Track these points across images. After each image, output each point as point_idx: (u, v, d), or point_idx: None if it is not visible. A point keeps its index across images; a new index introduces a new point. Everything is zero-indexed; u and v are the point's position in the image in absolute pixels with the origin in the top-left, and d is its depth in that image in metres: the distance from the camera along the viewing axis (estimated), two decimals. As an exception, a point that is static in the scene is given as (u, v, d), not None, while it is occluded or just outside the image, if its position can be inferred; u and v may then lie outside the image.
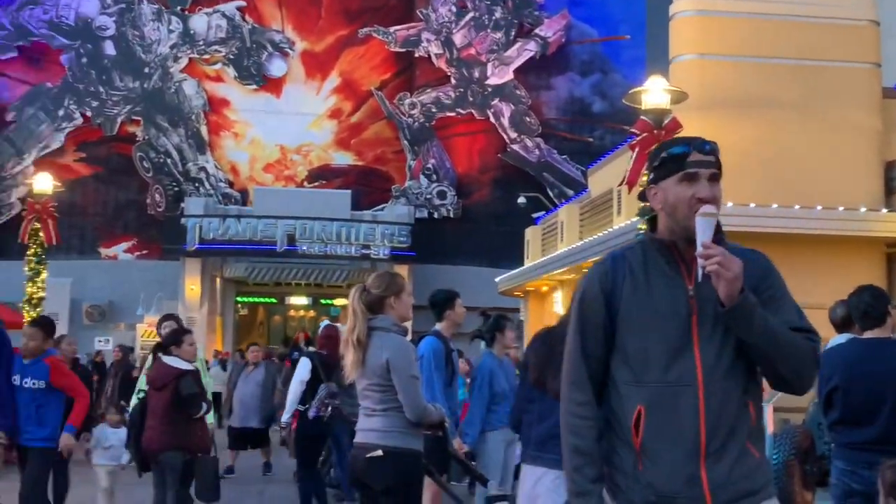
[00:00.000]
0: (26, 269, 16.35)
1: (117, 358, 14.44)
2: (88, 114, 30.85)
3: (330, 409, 7.58)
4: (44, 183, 16.69)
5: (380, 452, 4.27)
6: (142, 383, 7.54)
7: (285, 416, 8.09)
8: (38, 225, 16.35)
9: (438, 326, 6.15)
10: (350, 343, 4.35)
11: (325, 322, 9.91)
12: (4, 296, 22.56)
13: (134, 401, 7.69)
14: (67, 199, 24.73)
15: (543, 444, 4.31)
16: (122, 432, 7.41)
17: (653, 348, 2.30)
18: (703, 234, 2.25)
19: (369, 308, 4.40)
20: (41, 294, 16.39)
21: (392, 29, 32.11)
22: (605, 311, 2.39)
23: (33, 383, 6.31)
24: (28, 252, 16.33)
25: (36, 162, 29.48)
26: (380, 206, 29.87)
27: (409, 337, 4.70)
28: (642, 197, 11.61)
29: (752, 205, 14.40)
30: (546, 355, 4.22)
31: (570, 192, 28.96)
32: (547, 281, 21.81)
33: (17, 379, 6.20)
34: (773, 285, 2.38)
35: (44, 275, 16.49)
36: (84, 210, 29.81)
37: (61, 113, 30.76)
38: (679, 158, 2.36)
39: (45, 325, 6.68)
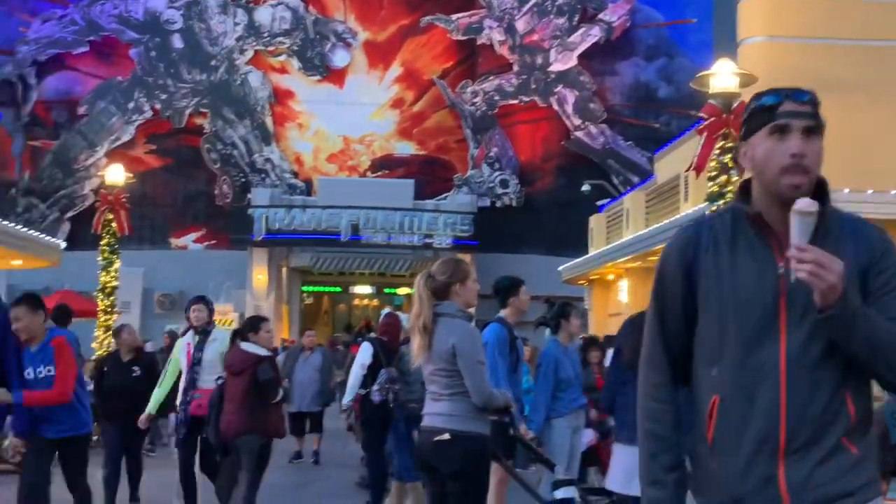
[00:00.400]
0: (100, 258, 16.75)
1: (167, 344, 14.69)
2: (157, 106, 31.50)
3: (391, 393, 7.61)
4: (116, 174, 17.06)
5: (447, 436, 4.30)
6: (171, 373, 7.57)
7: (346, 399, 8.17)
8: (110, 216, 16.73)
9: (503, 313, 6.18)
10: (416, 329, 4.40)
11: (386, 310, 9.96)
12: (79, 285, 23.23)
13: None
14: (138, 190, 25.27)
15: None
16: None
17: (732, 331, 2.06)
18: (798, 235, 1.96)
19: (435, 294, 4.42)
20: (114, 283, 16.79)
21: (454, 17, 32.05)
22: (684, 284, 2.14)
23: (47, 370, 5.64)
24: (101, 242, 16.73)
25: (107, 154, 30.23)
26: (442, 196, 29.92)
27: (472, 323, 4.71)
28: (710, 181, 11.42)
29: (824, 190, 14.03)
30: (639, 338, 4.18)
31: (636, 179, 28.61)
32: (612, 269, 21.61)
33: (29, 372, 5.61)
34: (887, 269, 2.06)
35: (117, 264, 16.89)
36: (154, 201, 30.47)
37: (131, 106, 31.46)
38: (770, 109, 2.09)
39: (29, 300, 5.78)
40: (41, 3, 31.88)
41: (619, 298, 21.99)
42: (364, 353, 8.01)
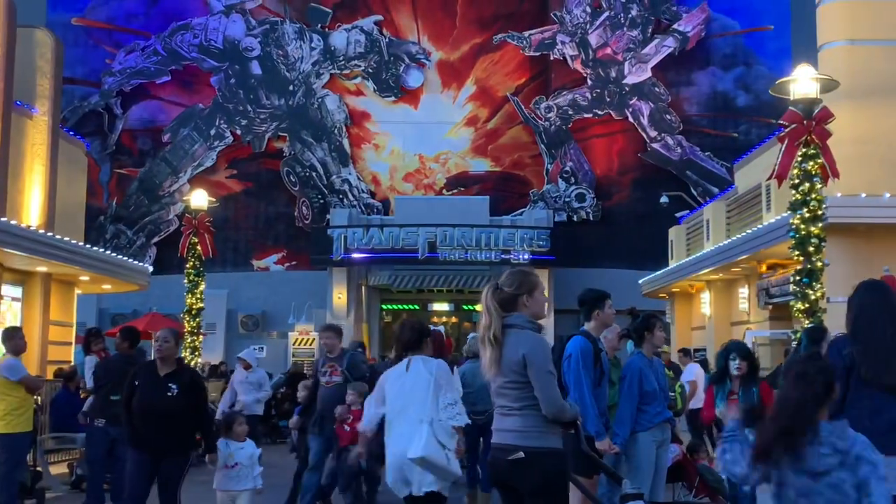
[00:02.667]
0: (185, 281, 17.21)
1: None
2: (238, 132, 32.27)
3: None
4: (199, 199, 17.52)
5: (522, 454, 4.22)
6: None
7: None
8: (195, 239, 17.19)
9: (587, 326, 6.11)
10: (486, 340, 4.35)
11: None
12: (166, 308, 23.87)
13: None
14: (221, 214, 25.97)
15: (886, 436, 3.98)
16: (251, 447, 6.60)
17: None
18: None
19: (502, 306, 4.39)
20: (200, 305, 17.23)
21: (526, 33, 32.10)
22: None
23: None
24: (187, 265, 17.19)
25: (191, 180, 31.08)
26: (518, 211, 29.89)
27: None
28: (793, 189, 11.17)
29: (914, 195, 13.62)
30: (877, 350, 4.31)
31: (715, 190, 28.13)
32: (694, 281, 21.27)
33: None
34: None
35: (202, 287, 17.33)
36: (237, 224, 31.18)
37: (213, 132, 32.30)
38: None
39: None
40: (125, 36, 33.05)
41: (703, 311, 21.61)
42: None
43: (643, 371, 6.24)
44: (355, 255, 26.67)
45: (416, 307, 30.82)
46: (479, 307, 4.25)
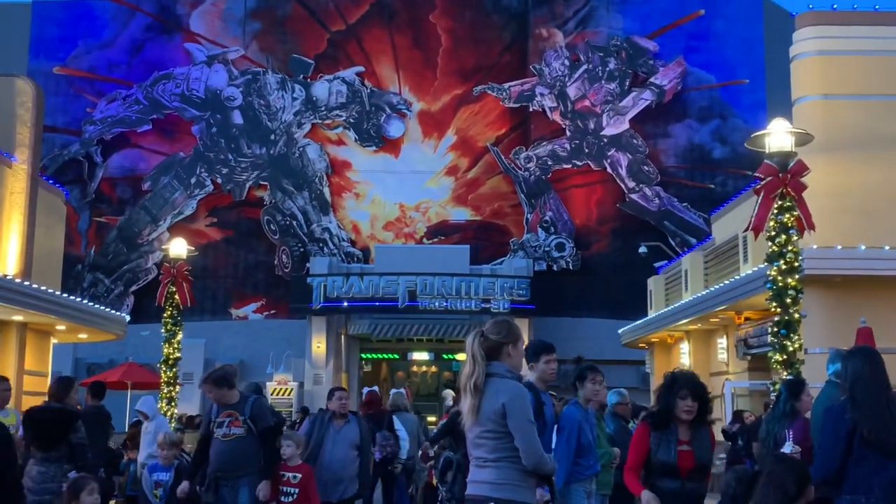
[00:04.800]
0: (163, 330, 17.08)
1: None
2: (219, 181, 32.29)
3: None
4: (178, 248, 17.47)
5: None
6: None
7: None
8: (173, 288, 17.09)
9: (530, 377, 5.98)
10: (468, 388, 4.32)
11: (366, 389, 12.00)
12: (143, 358, 23.64)
13: None
14: (200, 262, 25.84)
15: (888, 489, 4.59)
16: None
17: None
18: None
19: (487, 354, 4.38)
20: (177, 355, 17.08)
21: (506, 85, 32.50)
22: None
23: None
24: (164, 314, 17.07)
25: (170, 228, 30.98)
26: (498, 261, 29.98)
27: None
28: (769, 241, 11.28)
29: (887, 247, 13.79)
30: (878, 417, 4.69)
31: (693, 240, 28.36)
32: (673, 331, 21.33)
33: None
34: None
35: (179, 336, 17.20)
36: (216, 272, 31.04)
37: (193, 181, 32.30)
38: None
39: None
40: (106, 85, 33.14)
41: (682, 361, 21.64)
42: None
43: (580, 423, 6.25)
44: (335, 304, 26.59)
45: (396, 356, 30.70)
46: (459, 356, 4.24)
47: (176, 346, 17.11)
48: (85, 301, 19.43)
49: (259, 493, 7.03)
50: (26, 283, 15.16)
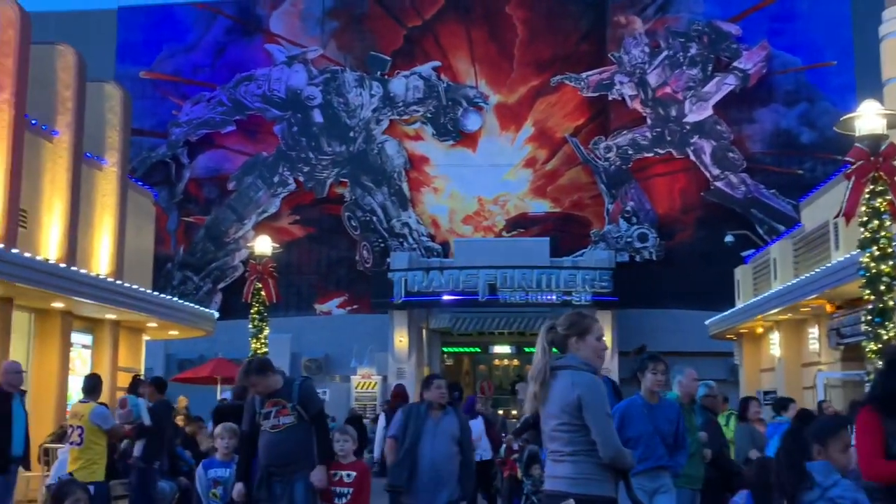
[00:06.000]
0: (250, 326, 17.44)
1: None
2: (301, 179, 32.80)
3: None
4: (263, 245, 17.81)
5: (571, 501, 4.12)
6: None
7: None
8: (259, 285, 17.45)
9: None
10: (534, 379, 4.30)
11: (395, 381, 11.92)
12: (231, 353, 24.18)
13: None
14: (284, 259, 26.30)
15: None
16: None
17: None
18: None
19: (556, 346, 4.34)
20: (264, 350, 17.43)
21: (584, 75, 32.16)
22: None
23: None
24: (251, 311, 17.43)
25: (255, 226, 31.60)
26: (579, 252, 29.68)
27: None
28: (862, 227, 10.90)
29: None
30: None
31: (781, 228, 27.62)
32: (761, 322, 20.83)
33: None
34: None
35: (266, 331, 17.55)
36: (300, 269, 31.55)
37: (276, 179, 32.88)
38: None
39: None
40: (191, 87, 33.98)
41: (771, 352, 21.11)
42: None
43: (626, 415, 6.02)
44: (415, 298, 26.74)
45: (478, 350, 30.70)
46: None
47: (263, 341, 17.46)
48: (175, 299, 19.97)
49: (314, 479, 6.29)
50: (119, 282, 15.65)
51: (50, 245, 14.68)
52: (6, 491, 8.02)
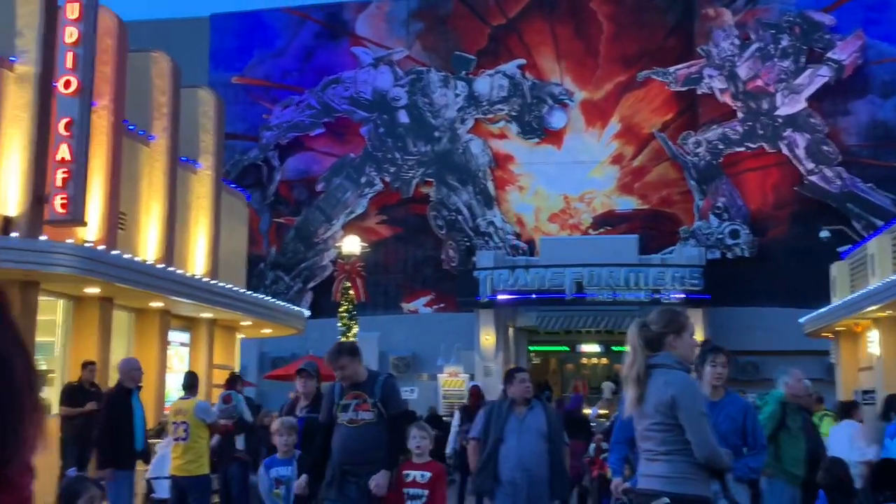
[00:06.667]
0: (339, 324, 17.73)
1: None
2: (387, 179, 33.16)
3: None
4: (352, 245, 18.10)
5: (666, 500, 4.05)
6: None
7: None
8: (348, 284, 17.73)
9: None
10: (630, 380, 4.22)
11: (471, 382, 12.29)
12: (321, 351, 24.59)
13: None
14: (372, 258, 26.64)
15: None
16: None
17: None
18: None
19: (648, 344, 4.26)
20: (352, 348, 17.67)
21: (672, 69, 31.63)
22: None
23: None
24: (340, 309, 17.73)
25: (344, 226, 32.09)
26: (668, 250, 29.20)
27: None
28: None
29: None
30: None
31: (880, 223, 26.64)
32: (860, 319, 20.14)
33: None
34: None
35: (355, 329, 17.83)
36: (386, 268, 31.89)
37: (363, 180, 33.32)
38: None
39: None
40: (280, 92, 34.70)
41: (870, 351, 20.39)
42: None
43: None
44: (501, 297, 26.72)
45: (566, 348, 30.52)
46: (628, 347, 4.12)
47: (352, 339, 17.71)
48: (267, 298, 20.42)
49: (372, 484, 5.67)
50: (214, 281, 16.10)
51: (148, 246, 15.20)
52: (130, 485, 8.35)
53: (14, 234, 11.74)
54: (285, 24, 35.08)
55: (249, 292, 18.36)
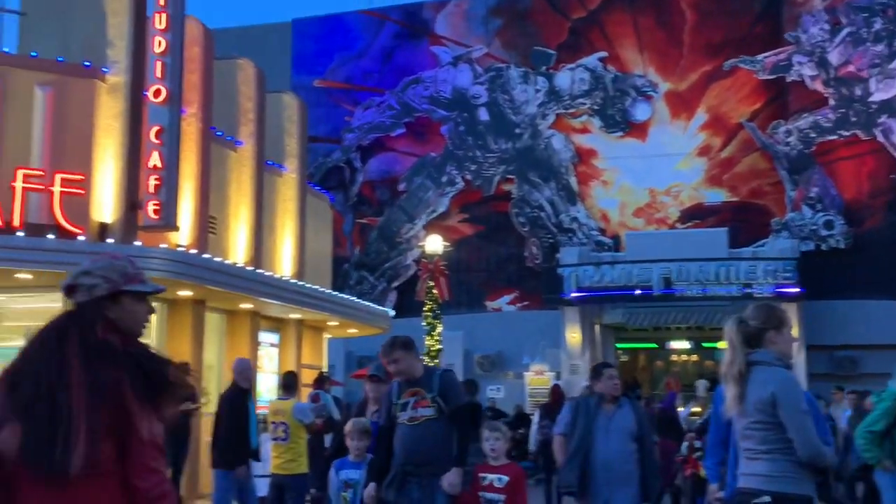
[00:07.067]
0: (423, 323, 17.76)
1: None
2: (468, 177, 33.14)
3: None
4: (434, 244, 18.11)
5: (767, 499, 3.96)
6: None
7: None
8: (431, 283, 17.74)
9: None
10: (730, 377, 4.11)
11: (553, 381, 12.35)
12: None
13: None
14: (455, 257, 26.65)
15: None
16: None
17: None
18: None
19: (747, 341, 4.14)
20: (438, 346, 17.71)
21: (759, 57, 30.77)
22: None
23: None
24: (424, 308, 17.75)
25: (426, 226, 32.19)
26: (760, 242, 28.42)
27: None
28: None
29: None
30: None
31: None
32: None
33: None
34: None
35: (439, 328, 17.83)
36: (469, 266, 31.87)
37: (444, 179, 33.37)
38: None
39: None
40: (361, 93, 35.02)
41: (978, 345, 19.46)
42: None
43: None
44: (587, 294, 26.42)
45: (655, 345, 30.00)
46: (721, 344, 3.99)
47: (436, 338, 17.74)
48: (352, 298, 20.60)
49: (444, 483, 5.42)
50: (301, 283, 16.29)
51: (237, 249, 15.46)
52: (247, 480, 8.54)
53: (110, 240, 12.05)
54: (365, 26, 35.37)
55: (335, 293, 18.54)
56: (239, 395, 8.48)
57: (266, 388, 15.48)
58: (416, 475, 5.52)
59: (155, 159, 12.75)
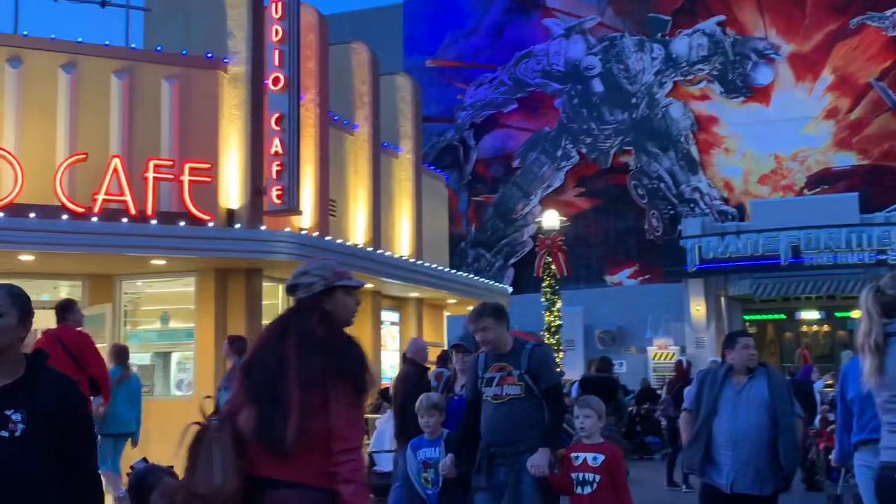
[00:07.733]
0: (542, 300, 17.71)
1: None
2: (583, 151, 32.74)
3: None
4: (551, 220, 18.00)
5: None
6: None
7: None
8: (549, 259, 17.66)
9: None
10: (866, 348, 3.90)
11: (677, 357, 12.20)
12: (525, 326, 24.71)
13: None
14: (572, 232, 26.41)
15: None
16: None
17: None
18: None
19: (885, 311, 3.93)
20: (558, 322, 17.65)
21: (888, 13, 29.19)
22: None
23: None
24: (543, 284, 17.69)
25: (542, 201, 32.02)
26: (893, 207, 27.08)
27: None
28: None
29: None
30: None
31: None
32: None
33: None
34: None
35: (558, 304, 17.76)
36: (587, 241, 31.56)
37: (559, 153, 33.07)
38: None
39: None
40: (473, 71, 35.01)
41: None
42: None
43: (848, 374, 4.94)
44: (711, 266, 25.77)
45: (783, 316, 29.05)
46: (854, 314, 3.77)
47: (556, 314, 17.68)
48: (470, 276, 20.71)
49: (529, 464, 5.02)
50: (419, 262, 16.49)
51: (357, 231, 15.76)
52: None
53: (237, 226, 12.48)
54: (475, 3, 35.29)
55: (453, 271, 18.68)
56: (422, 374, 8.61)
57: (389, 365, 15.77)
58: (502, 456, 5.16)
59: (276, 146, 13.08)
